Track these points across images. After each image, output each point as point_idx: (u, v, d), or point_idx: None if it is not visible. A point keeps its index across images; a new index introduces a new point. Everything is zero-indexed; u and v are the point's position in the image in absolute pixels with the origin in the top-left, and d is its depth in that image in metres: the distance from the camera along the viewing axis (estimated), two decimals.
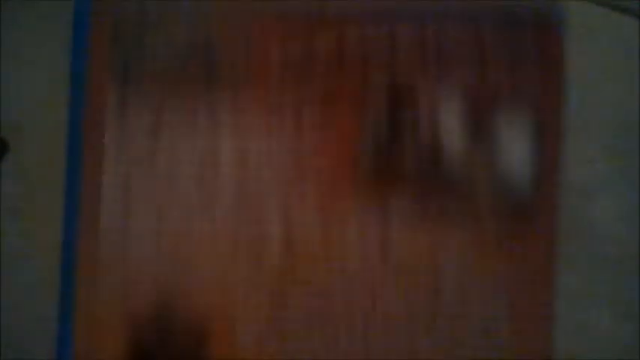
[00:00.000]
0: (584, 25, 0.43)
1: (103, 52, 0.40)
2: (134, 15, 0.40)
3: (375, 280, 0.40)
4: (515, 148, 0.40)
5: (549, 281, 0.40)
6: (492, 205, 0.40)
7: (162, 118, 0.39)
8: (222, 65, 0.40)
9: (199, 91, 0.40)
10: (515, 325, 0.40)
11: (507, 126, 0.40)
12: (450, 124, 0.40)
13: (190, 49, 0.40)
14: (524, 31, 0.40)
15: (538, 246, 0.40)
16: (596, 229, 0.42)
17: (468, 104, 0.40)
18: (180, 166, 0.40)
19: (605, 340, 0.42)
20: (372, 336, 0.40)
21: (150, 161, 0.39)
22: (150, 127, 0.39)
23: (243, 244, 0.40)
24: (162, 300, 0.39)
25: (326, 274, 0.40)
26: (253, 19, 0.40)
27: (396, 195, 0.40)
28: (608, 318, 0.42)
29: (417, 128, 0.40)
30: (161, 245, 0.39)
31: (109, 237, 0.39)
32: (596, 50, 0.43)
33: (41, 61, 0.44)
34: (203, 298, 0.39)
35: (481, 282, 0.40)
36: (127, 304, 0.39)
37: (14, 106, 0.43)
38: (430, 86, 0.40)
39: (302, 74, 0.40)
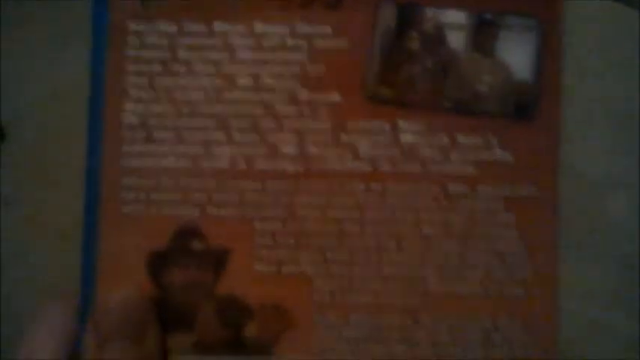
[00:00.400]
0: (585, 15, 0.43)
1: None
2: None
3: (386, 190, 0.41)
4: (517, 48, 0.42)
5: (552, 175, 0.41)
6: (496, 102, 0.41)
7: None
8: None
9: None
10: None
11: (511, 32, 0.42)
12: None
13: None
14: None
15: (539, 144, 0.41)
16: (607, 225, 0.41)
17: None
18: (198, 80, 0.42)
19: (618, 338, 0.41)
20: (385, 249, 0.41)
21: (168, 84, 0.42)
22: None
23: (259, 162, 0.41)
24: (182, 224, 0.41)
25: (340, 188, 0.41)
26: None
27: (404, 98, 0.41)
28: (620, 316, 0.41)
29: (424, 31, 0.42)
30: (180, 170, 0.41)
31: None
32: (596, 40, 0.42)
33: None
34: (222, 221, 0.41)
35: (485, 179, 0.41)
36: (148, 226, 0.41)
37: None
38: None
39: None
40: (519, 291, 0.41)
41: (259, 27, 0.42)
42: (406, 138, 0.41)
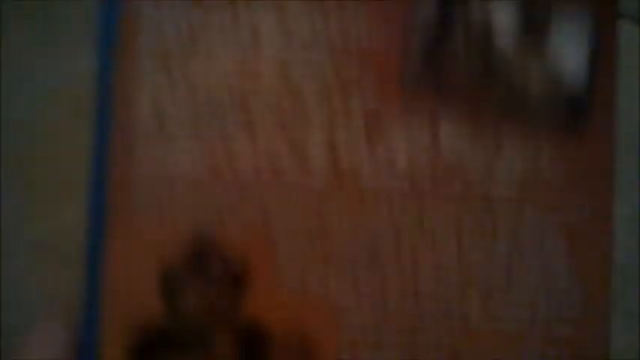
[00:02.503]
0: None
1: None
2: None
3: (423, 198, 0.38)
4: (570, 49, 0.38)
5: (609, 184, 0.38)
6: (546, 110, 0.38)
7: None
8: None
9: None
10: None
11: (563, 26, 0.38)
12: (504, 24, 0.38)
13: None
14: None
15: (593, 149, 0.38)
16: None
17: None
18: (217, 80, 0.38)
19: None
20: (421, 258, 0.37)
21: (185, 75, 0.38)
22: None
23: (286, 166, 0.37)
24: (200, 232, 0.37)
25: (372, 195, 0.37)
26: None
27: (446, 103, 0.38)
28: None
29: (469, 29, 0.38)
30: (198, 169, 0.37)
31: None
32: None
33: None
34: (244, 228, 0.37)
35: (535, 191, 0.38)
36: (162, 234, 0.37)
37: None
38: None
39: None
40: (569, 329, 0.37)
41: (289, 18, 0.37)
42: (448, 150, 0.37)
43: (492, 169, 0.37)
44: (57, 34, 0.39)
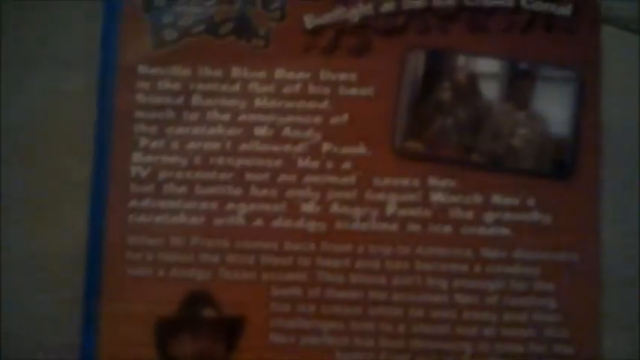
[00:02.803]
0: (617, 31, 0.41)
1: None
2: None
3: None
4: (556, 100, 0.39)
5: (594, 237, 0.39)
6: (533, 159, 0.39)
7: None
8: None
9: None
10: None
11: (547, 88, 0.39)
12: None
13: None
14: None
15: (580, 195, 0.39)
16: None
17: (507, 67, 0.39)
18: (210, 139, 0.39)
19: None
20: (414, 320, 0.38)
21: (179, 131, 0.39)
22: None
23: (277, 221, 0.38)
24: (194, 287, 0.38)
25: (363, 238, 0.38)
26: None
27: (434, 151, 0.39)
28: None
29: (456, 81, 0.39)
30: (191, 228, 0.38)
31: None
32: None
33: None
34: (236, 286, 0.38)
35: (521, 243, 0.38)
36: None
37: None
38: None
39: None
40: None
41: (280, 73, 0.39)
42: (437, 196, 0.38)
43: (481, 213, 0.38)
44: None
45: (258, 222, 0.38)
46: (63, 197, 0.40)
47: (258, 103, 0.39)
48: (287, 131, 0.39)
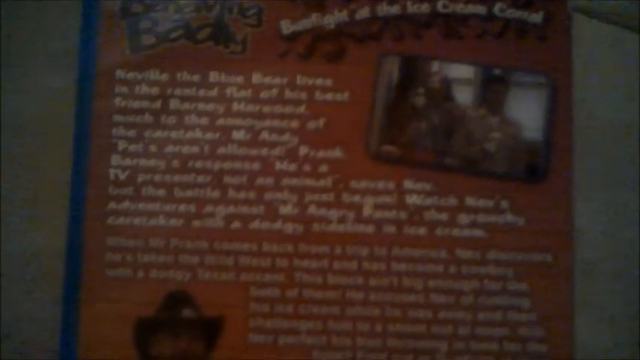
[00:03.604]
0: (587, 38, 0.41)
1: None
2: None
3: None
4: (528, 103, 0.40)
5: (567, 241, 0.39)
6: (506, 171, 0.40)
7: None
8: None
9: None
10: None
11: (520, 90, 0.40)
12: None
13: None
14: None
15: (553, 196, 0.39)
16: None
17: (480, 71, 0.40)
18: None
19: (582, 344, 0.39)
20: (390, 319, 0.38)
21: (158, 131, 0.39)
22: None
23: (255, 223, 0.39)
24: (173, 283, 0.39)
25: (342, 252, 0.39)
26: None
27: (409, 154, 0.39)
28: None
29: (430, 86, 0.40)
30: (170, 230, 0.39)
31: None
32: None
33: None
34: (215, 287, 0.39)
35: (495, 244, 0.39)
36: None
37: None
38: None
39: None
40: None
41: (257, 78, 0.39)
42: (412, 199, 0.39)
43: (456, 215, 0.39)
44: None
45: (237, 224, 0.39)
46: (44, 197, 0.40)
47: (235, 107, 0.39)
48: (264, 135, 0.39)
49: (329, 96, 0.40)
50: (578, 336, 0.39)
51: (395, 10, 0.40)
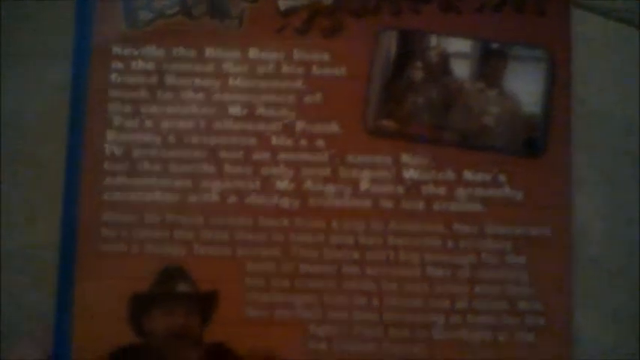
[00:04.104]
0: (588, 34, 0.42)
1: None
2: None
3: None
4: (527, 78, 0.40)
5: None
6: (504, 136, 0.39)
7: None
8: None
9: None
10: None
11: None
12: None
13: None
14: None
15: (551, 170, 0.39)
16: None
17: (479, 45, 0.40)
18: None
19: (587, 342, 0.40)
20: (387, 293, 0.38)
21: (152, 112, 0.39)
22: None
23: (252, 197, 0.39)
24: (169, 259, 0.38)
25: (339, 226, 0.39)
26: None
27: (407, 129, 0.39)
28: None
29: (428, 60, 0.40)
30: (166, 205, 0.39)
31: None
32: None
33: None
34: (211, 261, 0.38)
35: (493, 218, 0.39)
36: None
37: None
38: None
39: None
40: (531, 338, 0.38)
41: (253, 53, 0.39)
42: (409, 173, 0.39)
43: (453, 189, 0.39)
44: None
45: (233, 199, 0.39)
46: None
47: (232, 82, 0.39)
48: (261, 110, 0.39)
49: (326, 71, 0.40)
50: (579, 333, 0.39)
51: None
